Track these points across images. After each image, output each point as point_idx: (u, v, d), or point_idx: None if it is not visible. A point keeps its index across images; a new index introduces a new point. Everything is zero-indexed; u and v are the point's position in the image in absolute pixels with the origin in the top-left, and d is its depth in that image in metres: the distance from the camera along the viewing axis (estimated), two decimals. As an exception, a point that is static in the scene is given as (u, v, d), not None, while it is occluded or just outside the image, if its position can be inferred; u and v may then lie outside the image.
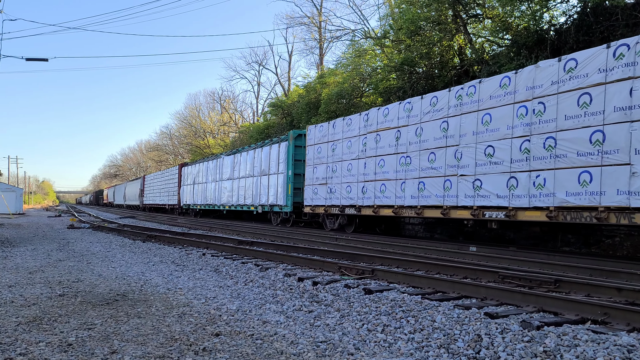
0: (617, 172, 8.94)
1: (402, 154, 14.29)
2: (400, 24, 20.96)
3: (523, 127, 10.83)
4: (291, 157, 20.36)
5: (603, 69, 9.38)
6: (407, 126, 14.20)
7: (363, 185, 15.82)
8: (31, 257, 10.27)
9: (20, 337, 4.23)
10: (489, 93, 11.77)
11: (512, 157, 11.06)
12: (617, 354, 3.50)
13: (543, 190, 10.29)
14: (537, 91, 10.62)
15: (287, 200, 20.24)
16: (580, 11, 15.37)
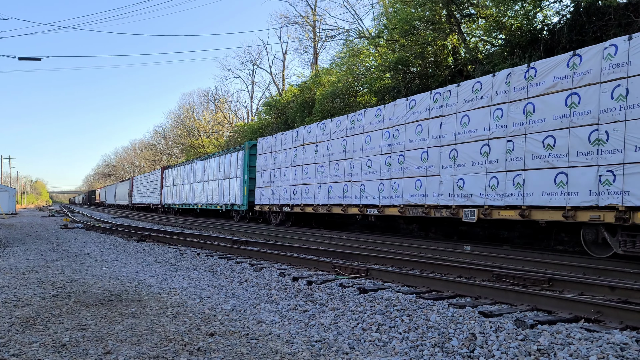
0: (433, 180, 12.87)
1: (319, 164, 18.00)
2: (394, 24, 20.99)
3: (387, 147, 14.71)
4: (247, 163, 23.62)
5: (428, 109, 13.31)
6: (322, 142, 17.95)
7: (294, 188, 19.45)
8: (24, 257, 10.21)
9: (14, 337, 4.20)
10: (369, 120, 15.61)
11: (381, 169, 14.85)
12: (611, 352, 3.53)
13: (397, 193, 14.13)
14: (394, 121, 14.48)
15: (243, 200, 23.71)
16: (574, 11, 15.45)
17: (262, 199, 21.85)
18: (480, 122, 11.67)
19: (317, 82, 30.82)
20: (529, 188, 10.40)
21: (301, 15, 40.55)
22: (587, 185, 9.26)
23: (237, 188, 24.36)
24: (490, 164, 11.34)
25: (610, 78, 9.08)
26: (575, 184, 9.49)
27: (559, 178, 9.82)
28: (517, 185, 10.64)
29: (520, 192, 10.57)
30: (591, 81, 9.41)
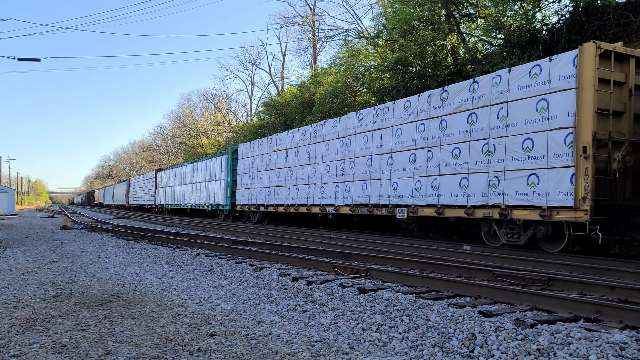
0: (376, 183, 14.86)
1: (289, 168, 19.95)
2: (393, 24, 21.00)
3: (341, 154, 16.80)
4: (230, 167, 25.63)
5: (372, 121, 15.39)
6: (291, 149, 19.90)
7: (268, 190, 21.48)
8: (24, 258, 10.21)
9: (14, 338, 4.20)
10: (327, 130, 17.81)
11: (337, 173, 16.87)
12: (610, 352, 3.53)
13: (349, 194, 16.25)
14: (347, 131, 16.60)
15: (226, 201, 25.78)
16: (572, 11, 15.46)
17: (242, 199, 23.93)
18: (409, 134, 13.74)
19: (316, 82, 30.82)
20: (442, 190, 12.46)
21: (300, 15, 40.58)
22: (481, 188, 11.35)
23: (221, 190, 26.54)
24: (416, 170, 13.41)
25: (496, 102, 11.14)
26: (473, 187, 11.58)
27: (462, 182, 11.90)
28: (434, 187, 12.69)
29: (436, 194, 12.64)
30: (484, 104, 11.45)
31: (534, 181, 10.26)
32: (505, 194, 10.73)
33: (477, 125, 11.64)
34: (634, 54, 9.97)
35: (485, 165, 11.27)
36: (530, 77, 10.57)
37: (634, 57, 9.93)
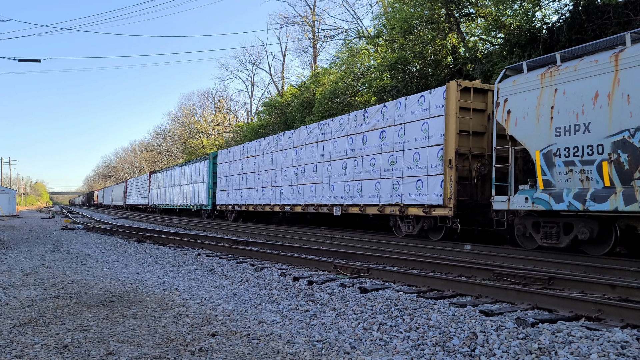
0: (319, 186, 17.74)
1: (257, 172, 22.93)
2: (393, 23, 20.99)
3: (295, 161, 19.61)
4: (211, 171, 28.59)
5: (317, 134, 18.28)
6: (258, 155, 22.98)
7: (241, 192, 24.46)
8: (25, 258, 10.22)
9: (16, 339, 4.21)
10: (285, 141, 20.60)
11: (292, 177, 19.73)
12: (611, 350, 3.54)
13: (300, 195, 18.93)
14: (299, 142, 19.39)
15: (208, 201, 28.70)
16: (573, 10, 15.46)
17: (221, 200, 26.95)
18: (342, 146, 16.68)
19: (316, 82, 30.83)
20: (364, 192, 15.31)
21: (300, 15, 40.59)
22: (388, 190, 14.22)
23: (204, 191, 29.53)
24: (347, 175, 16.24)
25: (398, 123, 14.02)
26: (383, 189, 14.44)
27: (376, 186, 14.69)
28: (359, 190, 15.53)
29: (360, 195, 15.49)
30: (391, 124, 14.35)
31: (419, 185, 13.14)
32: (403, 195, 13.67)
33: (386, 140, 14.57)
34: (490, 88, 12.60)
35: (391, 172, 14.20)
36: (418, 104, 13.39)
37: (491, 90, 12.52)
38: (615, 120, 8.80)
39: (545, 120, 9.95)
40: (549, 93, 10.00)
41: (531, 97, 10.31)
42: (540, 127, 10.11)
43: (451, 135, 12.29)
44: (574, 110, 9.48)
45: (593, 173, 9.11)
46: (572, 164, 9.45)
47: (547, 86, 10.07)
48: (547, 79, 10.11)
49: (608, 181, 8.87)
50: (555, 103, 9.81)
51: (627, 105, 8.63)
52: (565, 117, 9.58)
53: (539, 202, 9.98)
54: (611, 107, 8.91)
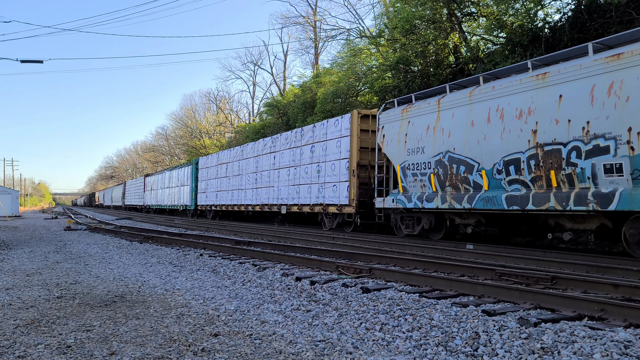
0: (272, 189, 21.54)
1: (228, 177, 26.92)
2: (395, 23, 20.98)
3: (255, 168, 23.55)
4: (194, 175, 32.44)
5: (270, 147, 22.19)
6: (229, 162, 26.90)
7: (216, 194, 28.44)
8: (28, 259, 10.25)
9: (19, 339, 4.22)
10: (248, 150, 24.65)
11: (253, 182, 23.56)
12: (614, 350, 3.53)
13: (259, 197, 22.99)
14: (258, 152, 23.40)
15: (192, 202, 32.46)
16: (575, 8, 15.43)
17: (201, 201, 30.91)
18: (287, 157, 20.52)
19: (318, 82, 30.83)
20: (300, 194, 19.29)
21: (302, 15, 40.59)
22: (316, 193, 18.20)
23: (188, 193, 33.27)
24: (289, 181, 20.13)
25: (322, 139, 18.00)
26: (312, 192, 18.48)
27: (308, 189, 18.63)
28: (297, 193, 19.51)
29: (297, 197, 19.48)
30: (318, 140, 18.33)
31: (335, 189, 17.16)
32: (325, 197, 17.68)
33: (314, 154, 18.52)
34: None
35: (317, 179, 18.23)
36: (335, 126, 17.45)
37: None
38: (437, 146, 12.55)
39: (402, 143, 13.64)
40: (405, 124, 13.64)
41: (396, 125, 13.92)
42: (399, 148, 13.73)
43: (354, 151, 16.24)
44: (416, 137, 13.15)
45: (426, 181, 12.94)
46: (416, 175, 13.23)
47: (404, 119, 13.67)
48: (405, 114, 13.68)
49: (434, 187, 12.70)
50: (408, 131, 13.52)
51: (441, 136, 12.42)
52: (413, 142, 13.28)
53: (399, 202, 13.79)
54: (435, 137, 12.62)
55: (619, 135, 8.67)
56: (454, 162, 12.03)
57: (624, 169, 8.58)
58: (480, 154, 11.37)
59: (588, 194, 9.12)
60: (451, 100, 12.24)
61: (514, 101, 10.64)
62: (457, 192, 12.03)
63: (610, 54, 9.08)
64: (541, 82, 10.16)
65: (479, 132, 11.39)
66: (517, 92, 10.63)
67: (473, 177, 11.60)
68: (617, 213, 8.94)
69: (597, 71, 9.16)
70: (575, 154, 9.39)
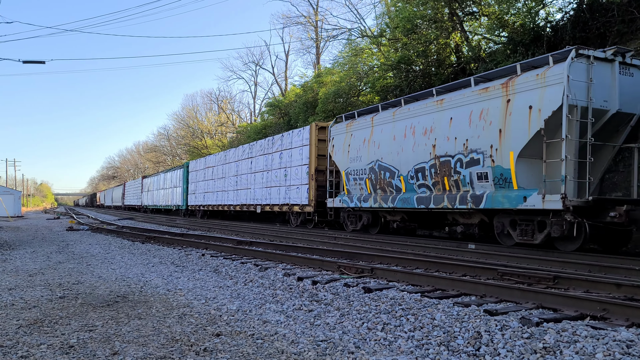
0: (249, 191, 23.93)
1: (213, 179, 29.26)
2: (396, 23, 20.98)
3: (235, 172, 26.01)
4: (185, 177, 34.87)
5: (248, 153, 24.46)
6: (214, 167, 29.32)
7: (203, 195, 30.94)
8: (31, 259, 10.27)
9: (22, 339, 4.23)
10: (230, 156, 27.08)
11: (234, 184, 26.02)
12: (617, 349, 3.52)
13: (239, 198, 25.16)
14: (238, 157, 25.74)
15: (183, 202, 35.00)
16: (577, 7, 15.40)
17: (191, 201, 33.39)
18: (261, 162, 23.10)
19: (319, 82, 30.82)
20: (272, 196, 21.68)
21: (303, 15, 40.58)
22: (283, 194, 20.63)
23: (180, 194, 35.90)
24: (263, 184, 22.62)
25: (288, 147, 20.33)
26: (281, 194, 20.77)
27: (278, 191, 21.10)
28: (269, 194, 21.90)
29: (269, 198, 21.88)
30: (285, 148, 20.72)
31: (298, 191, 19.34)
32: (290, 198, 20.02)
33: (282, 160, 20.86)
34: None
35: (284, 182, 20.54)
36: (298, 136, 19.74)
37: None
38: (370, 155, 15.12)
39: (346, 153, 16.29)
40: (349, 136, 16.30)
41: (342, 137, 16.67)
42: (344, 156, 16.42)
43: (312, 158, 18.60)
44: (356, 148, 15.80)
45: (363, 185, 15.53)
46: (356, 179, 15.81)
47: (348, 132, 16.34)
48: (348, 127, 16.40)
49: (369, 190, 15.25)
50: (350, 142, 16.19)
51: (373, 147, 14.95)
52: (353, 151, 15.92)
53: (344, 202, 16.42)
54: (369, 148, 15.20)
55: (485, 150, 11.18)
56: (382, 169, 14.63)
57: (489, 177, 11.17)
58: (399, 162, 13.91)
59: (468, 195, 11.65)
60: (381, 118, 14.82)
61: (422, 121, 13.15)
62: (385, 194, 14.59)
63: (482, 87, 11.48)
64: (439, 106, 12.65)
65: (399, 145, 13.92)
66: (424, 113, 13.14)
67: (395, 182, 14.14)
68: (487, 210, 11.44)
69: (474, 100, 11.62)
70: (459, 164, 11.94)
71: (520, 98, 10.50)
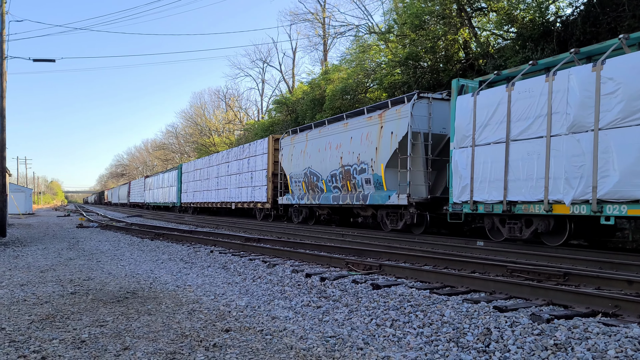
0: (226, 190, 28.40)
1: (200, 180, 33.24)
2: (404, 19, 20.89)
3: (216, 174, 29.98)
4: (180, 177, 39.24)
5: (225, 157, 29.05)
6: (201, 169, 33.34)
7: (193, 194, 34.99)
8: (42, 256, 10.36)
9: (34, 334, 4.28)
10: (213, 160, 31.09)
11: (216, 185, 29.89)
12: (629, 346, 3.49)
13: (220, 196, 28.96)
14: (219, 161, 29.84)
15: (178, 200, 39.46)
16: (587, 2, 15.23)
17: (184, 199, 37.67)
18: (234, 167, 27.02)
19: (327, 79, 30.77)
20: (242, 195, 25.62)
21: (311, 12, 40.48)
22: (249, 194, 24.61)
23: (175, 193, 40.34)
24: (236, 184, 26.52)
25: (253, 155, 24.22)
26: (249, 193, 24.60)
27: (246, 191, 24.97)
28: (240, 194, 25.81)
29: (240, 196, 25.85)
30: (252, 155, 24.63)
31: (260, 191, 23.34)
32: (255, 197, 23.90)
33: (249, 165, 24.91)
34: None
35: (251, 183, 24.53)
36: (260, 146, 23.84)
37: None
38: (304, 163, 19.27)
39: (290, 161, 20.43)
40: (292, 147, 20.42)
41: (288, 148, 20.76)
42: (288, 164, 20.62)
43: (270, 164, 22.63)
44: (296, 157, 19.87)
45: (301, 186, 19.63)
46: (296, 182, 19.99)
47: (292, 144, 20.54)
48: (292, 141, 20.57)
49: (305, 190, 19.47)
50: (293, 152, 20.29)
51: (307, 157, 19.09)
52: (294, 160, 20.06)
53: (288, 200, 20.57)
54: (304, 157, 19.33)
55: (369, 162, 15.43)
56: (311, 174, 18.85)
57: (371, 181, 15.39)
58: (322, 169, 18.15)
59: (360, 195, 15.83)
60: (312, 134, 19.07)
61: (335, 138, 17.45)
62: (314, 193, 18.76)
63: (369, 115, 15.70)
64: (345, 128, 16.95)
65: (322, 156, 18.20)
66: (336, 133, 17.43)
67: (319, 184, 18.41)
68: (373, 205, 15.51)
69: (364, 125, 15.80)
70: (355, 172, 16.20)
71: (387, 126, 14.56)
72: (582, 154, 8.86)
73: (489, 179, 10.83)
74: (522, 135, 10.07)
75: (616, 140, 8.33)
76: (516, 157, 10.20)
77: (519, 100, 10.12)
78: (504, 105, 10.43)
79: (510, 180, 10.33)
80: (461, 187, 11.61)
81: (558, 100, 9.30)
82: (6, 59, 16.08)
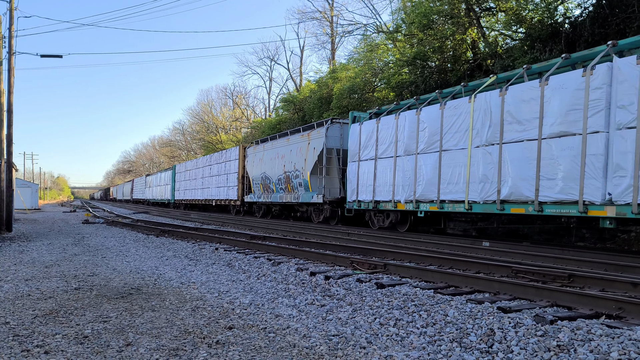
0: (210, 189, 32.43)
1: (190, 180, 37.37)
2: (412, 18, 20.82)
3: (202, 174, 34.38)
4: (174, 177, 42.82)
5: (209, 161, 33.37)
6: (191, 170, 37.48)
7: (184, 192, 38.76)
8: (47, 251, 10.43)
9: (37, 329, 4.30)
10: (200, 162, 35.75)
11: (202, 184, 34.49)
12: (632, 349, 3.47)
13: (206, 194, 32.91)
14: (205, 164, 33.94)
15: (172, 197, 42.98)
16: (596, 3, 15.12)
17: (177, 196, 41.31)
18: (216, 169, 30.55)
19: (334, 77, 30.73)
20: (220, 193, 29.50)
21: (319, 10, 40.44)
22: (225, 193, 28.83)
23: (169, 191, 44.08)
24: (216, 184, 30.18)
25: (229, 160, 28.72)
26: (225, 192, 28.69)
27: (224, 190, 29.02)
28: (219, 192, 29.69)
29: (219, 195, 29.68)
30: (226, 160, 29.22)
31: (233, 191, 27.12)
32: (229, 195, 27.61)
33: (226, 168, 28.56)
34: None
35: (226, 184, 28.24)
36: (233, 152, 28.07)
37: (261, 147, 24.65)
38: (262, 169, 23.59)
39: (252, 166, 24.80)
40: (254, 156, 24.79)
41: (252, 156, 25.08)
42: (252, 168, 24.86)
43: (240, 168, 26.53)
44: (257, 163, 24.20)
45: (259, 187, 23.85)
46: (256, 184, 24.25)
47: (254, 153, 24.89)
48: (254, 150, 24.91)
49: (262, 190, 23.60)
50: (254, 160, 24.63)
51: (263, 164, 23.44)
52: (256, 166, 24.38)
53: (251, 198, 24.75)
54: (261, 164, 23.60)
55: (300, 170, 19.42)
56: (266, 178, 23.12)
57: (302, 185, 19.35)
58: (272, 174, 22.36)
59: (296, 195, 19.87)
60: (267, 145, 23.41)
61: (281, 150, 21.60)
62: (268, 193, 22.99)
63: (302, 133, 19.88)
64: (287, 142, 21.16)
65: (272, 163, 22.44)
66: (282, 146, 21.59)
67: (271, 186, 22.61)
68: (304, 203, 19.55)
69: (299, 141, 19.96)
70: (292, 177, 20.28)
71: (312, 142, 18.74)
72: (410, 169, 13.17)
73: (366, 184, 15.09)
74: (383, 155, 14.36)
75: (426, 161, 12.64)
76: (380, 169, 14.49)
77: (382, 130, 14.47)
78: (374, 133, 14.76)
79: (377, 185, 14.64)
80: (351, 190, 15.89)
81: (400, 132, 13.68)
82: (14, 54, 16.18)
